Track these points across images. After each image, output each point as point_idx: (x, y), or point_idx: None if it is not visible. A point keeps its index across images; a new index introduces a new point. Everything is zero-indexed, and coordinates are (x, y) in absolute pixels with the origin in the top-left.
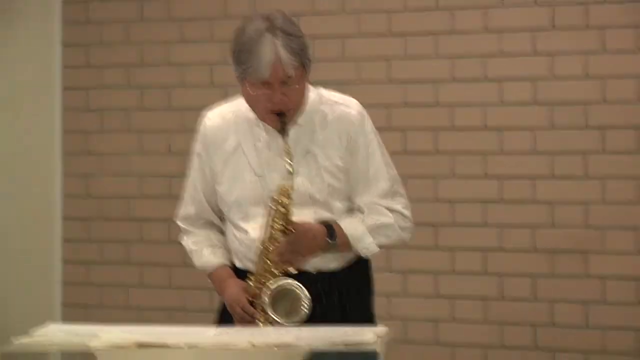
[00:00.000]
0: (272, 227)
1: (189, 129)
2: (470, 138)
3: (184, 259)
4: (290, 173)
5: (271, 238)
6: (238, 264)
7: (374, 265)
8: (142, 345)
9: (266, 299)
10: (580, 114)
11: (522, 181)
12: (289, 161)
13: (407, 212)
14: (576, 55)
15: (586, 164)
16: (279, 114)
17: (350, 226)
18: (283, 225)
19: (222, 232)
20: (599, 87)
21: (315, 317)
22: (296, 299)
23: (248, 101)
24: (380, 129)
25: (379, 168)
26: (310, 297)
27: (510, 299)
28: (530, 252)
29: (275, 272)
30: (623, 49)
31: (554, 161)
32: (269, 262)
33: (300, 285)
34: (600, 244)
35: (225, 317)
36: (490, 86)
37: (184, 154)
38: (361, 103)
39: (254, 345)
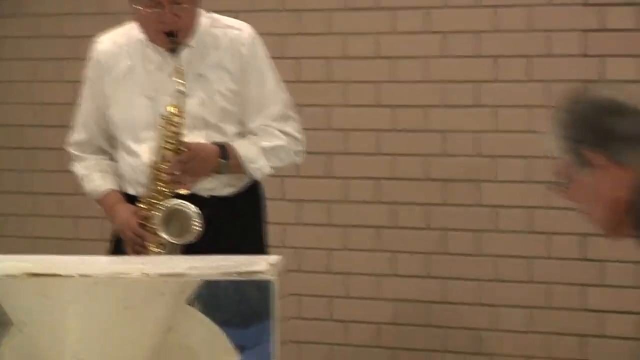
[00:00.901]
0: (163, 147)
1: (81, 57)
2: (364, 66)
3: (76, 188)
4: (182, 93)
5: (163, 158)
6: (130, 191)
7: (267, 193)
8: (33, 274)
9: (157, 220)
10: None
11: (414, 110)
12: (181, 81)
13: (299, 136)
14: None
15: (478, 91)
16: (169, 34)
17: (244, 147)
18: (175, 145)
19: (113, 160)
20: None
21: (208, 244)
22: (187, 218)
23: (140, 22)
24: (274, 59)
25: (272, 91)
26: (201, 214)
27: (403, 227)
28: (423, 180)
29: (167, 193)
30: (567, 53)
31: (446, 89)
32: (160, 183)
33: (191, 205)
34: (492, 173)
35: (117, 247)
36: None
37: (76, 82)
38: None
39: (146, 275)
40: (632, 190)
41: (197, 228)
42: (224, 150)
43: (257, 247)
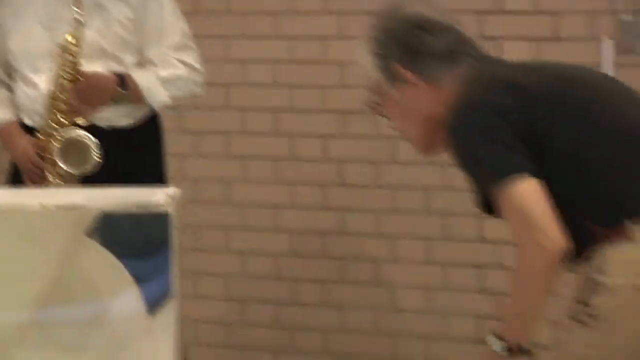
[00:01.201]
0: (61, 77)
1: None
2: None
3: None
4: (79, 22)
5: (61, 88)
6: (27, 121)
7: (165, 125)
8: None
9: (56, 150)
10: None
11: (313, 42)
12: (78, 10)
13: (198, 66)
14: None
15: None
16: None
17: (143, 77)
18: (72, 75)
19: (10, 90)
20: None
21: (106, 175)
22: (85, 148)
23: None
24: None
25: (171, 21)
26: (99, 145)
27: (300, 158)
28: (321, 112)
29: (65, 123)
30: None
31: (344, 21)
32: (58, 113)
33: (89, 135)
34: None
35: (15, 178)
36: None
37: None
38: None
39: (43, 206)
40: (444, 107)
41: (96, 158)
42: (122, 80)
43: (157, 178)
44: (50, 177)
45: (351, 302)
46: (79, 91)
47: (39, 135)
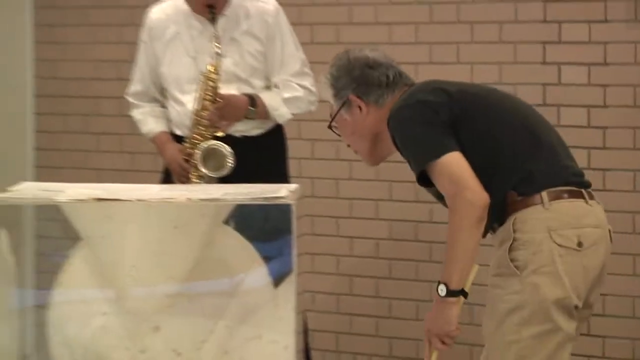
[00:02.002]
0: (203, 98)
1: (137, 23)
2: (366, 32)
3: (133, 129)
4: (218, 55)
5: (202, 107)
6: (177, 132)
7: (287, 133)
8: (99, 200)
9: (198, 156)
10: None
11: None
12: (217, 45)
13: (313, 89)
14: None
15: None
16: (209, 6)
17: (269, 97)
18: (212, 97)
19: (164, 106)
20: None
21: (240, 175)
22: (222, 155)
23: None
24: (292, 25)
25: (291, 53)
26: (233, 153)
27: (396, 161)
28: None
29: (206, 135)
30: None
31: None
32: (200, 127)
33: (225, 145)
34: None
35: (167, 178)
36: None
37: (132, 44)
38: None
39: (189, 200)
40: (385, 123)
41: (230, 164)
42: (252, 100)
43: (280, 177)
44: (193, 179)
45: (438, 278)
46: (219, 110)
47: (185, 143)
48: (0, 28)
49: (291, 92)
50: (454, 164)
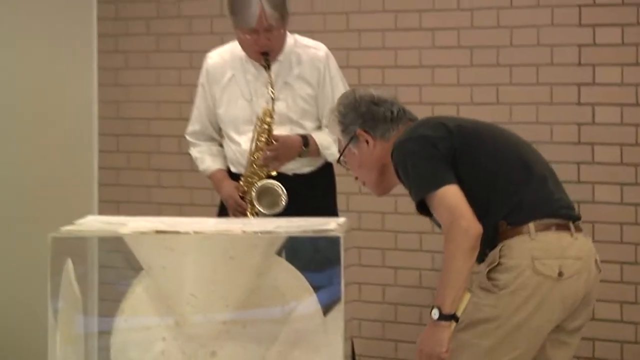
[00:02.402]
0: (258, 140)
1: (195, 67)
2: (411, 74)
3: (192, 166)
4: (272, 99)
5: (257, 148)
6: (232, 169)
7: (336, 170)
8: (159, 232)
9: (253, 194)
10: None
11: (446, 107)
12: (272, 89)
13: None
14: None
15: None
16: (264, 53)
17: (320, 137)
18: (266, 138)
19: (220, 145)
20: None
21: (291, 209)
22: (276, 194)
23: (241, 43)
24: (341, 68)
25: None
26: (286, 194)
27: None
28: None
29: (261, 174)
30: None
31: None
32: (255, 166)
33: (280, 184)
34: None
35: (223, 211)
36: None
37: (191, 86)
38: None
39: (244, 232)
40: (390, 155)
41: (283, 203)
42: (305, 139)
43: (329, 211)
44: (248, 215)
45: None
46: (273, 150)
47: (241, 182)
48: (69, 73)
49: None
50: (451, 196)
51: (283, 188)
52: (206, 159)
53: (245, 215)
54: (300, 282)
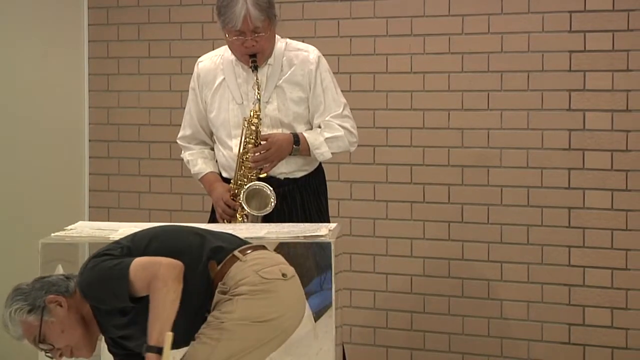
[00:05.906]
0: (246, 141)
1: (186, 73)
2: (401, 80)
3: (182, 172)
4: (259, 100)
5: (246, 150)
6: (224, 174)
7: (327, 175)
8: None
9: (242, 196)
10: None
11: (440, 112)
12: (258, 90)
13: (354, 131)
14: None
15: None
16: (252, 55)
17: (311, 136)
18: (254, 140)
19: (212, 149)
20: None
21: (283, 215)
22: (265, 196)
23: (229, 46)
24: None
25: (333, 97)
26: (275, 194)
27: (430, 202)
28: (445, 166)
29: (250, 176)
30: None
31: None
32: (244, 169)
33: (268, 185)
34: None
35: (212, 217)
36: None
37: (182, 92)
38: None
39: None
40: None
41: (272, 204)
42: (296, 138)
43: (320, 217)
44: (238, 217)
45: (469, 312)
46: (262, 150)
47: (231, 184)
48: (60, 79)
49: (332, 131)
50: (142, 263)
51: (271, 189)
52: (198, 161)
53: (234, 217)
54: None
